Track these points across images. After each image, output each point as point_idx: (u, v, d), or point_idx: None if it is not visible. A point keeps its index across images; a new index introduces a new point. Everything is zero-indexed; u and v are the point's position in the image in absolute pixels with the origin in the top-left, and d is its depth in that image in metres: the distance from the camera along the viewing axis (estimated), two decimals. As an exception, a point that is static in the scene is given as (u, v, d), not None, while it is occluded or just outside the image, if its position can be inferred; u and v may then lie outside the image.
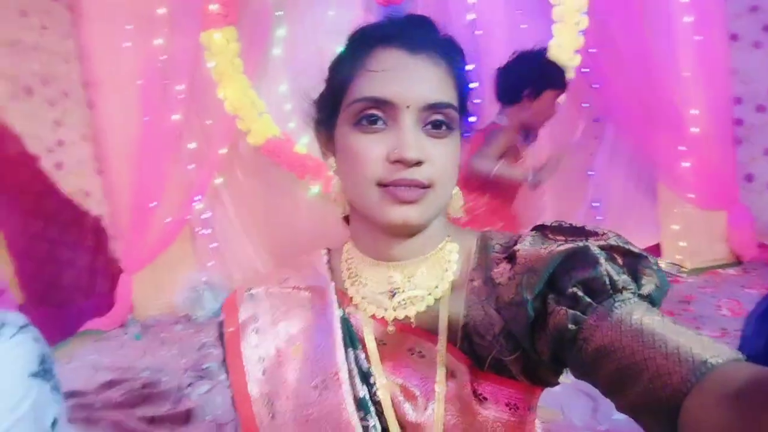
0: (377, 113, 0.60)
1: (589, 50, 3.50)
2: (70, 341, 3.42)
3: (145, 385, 2.38)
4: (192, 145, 3.58)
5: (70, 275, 3.61)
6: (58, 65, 3.40)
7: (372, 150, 0.60)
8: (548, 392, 0.68)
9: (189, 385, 2.41)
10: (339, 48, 0.68)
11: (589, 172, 3.82)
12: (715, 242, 3.52)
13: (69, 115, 3.44)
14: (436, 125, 0.61)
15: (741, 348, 0.80)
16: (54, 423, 0.96)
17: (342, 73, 0.64)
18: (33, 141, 3.21)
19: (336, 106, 0.65)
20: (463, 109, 0.66)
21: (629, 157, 3.73)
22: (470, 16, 3.56)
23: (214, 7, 3.27)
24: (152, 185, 3.43)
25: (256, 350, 0.68)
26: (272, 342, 0.68)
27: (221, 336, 0.71)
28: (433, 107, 0.60)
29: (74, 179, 3.42)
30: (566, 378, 0.64)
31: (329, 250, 0.78)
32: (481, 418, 0.62)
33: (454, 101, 0.63)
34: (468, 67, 0.67)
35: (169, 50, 3.37)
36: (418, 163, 0.59)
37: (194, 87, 3.51)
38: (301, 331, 0.69)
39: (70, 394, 2.30)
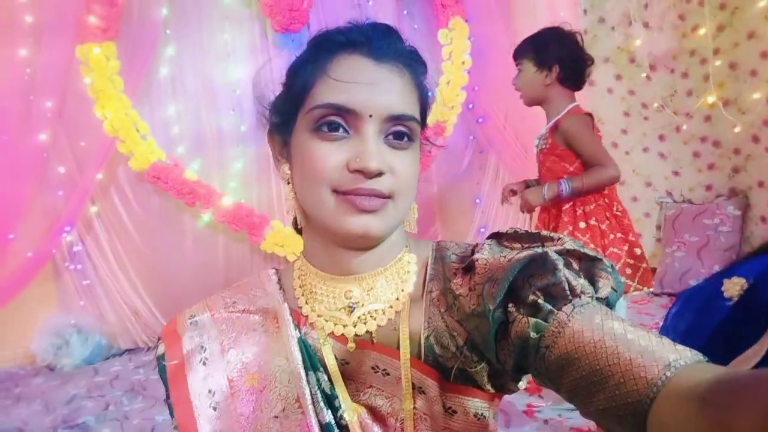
0: (338, 120, 0.58)
1: (474, 88, 3.79)
2: None
3: (4, 450, 2.00)
4: (62, 169, 3.19)
5: None
6: None
7: (331, 157, 0.58)
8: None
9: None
10: (232, 72, 0.65)
11: (476, 200, 4.08)
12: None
13: None
14: (398, 136, 0.60)
15: (663, 330, 0.88)
16: None
17: (302, 78, 0.61)
18: None
19: (294, 112, 0.62)
20: (423, 122, 0.66)
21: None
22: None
23: (93, 20, 2.99)
24: (10, 214, 2.97)
25: (205, 383, 0.61)
26: (223, 372, 0.62)
27: (162, 370, 0.63)
28: (397, 119, 0.59)
29: None
30: (524, 384, 0.65)
31: (277, 270, 0.73)
32: None
33: (417, 114, 0.63)
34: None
35: (35, 63, 3.01)
36: (379, 174, 0.57)
37: (65, 105, 3.16)
38: (255, 357, 0.63)
39: None
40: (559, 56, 1.88)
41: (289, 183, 0.65)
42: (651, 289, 1.96)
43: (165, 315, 3.46)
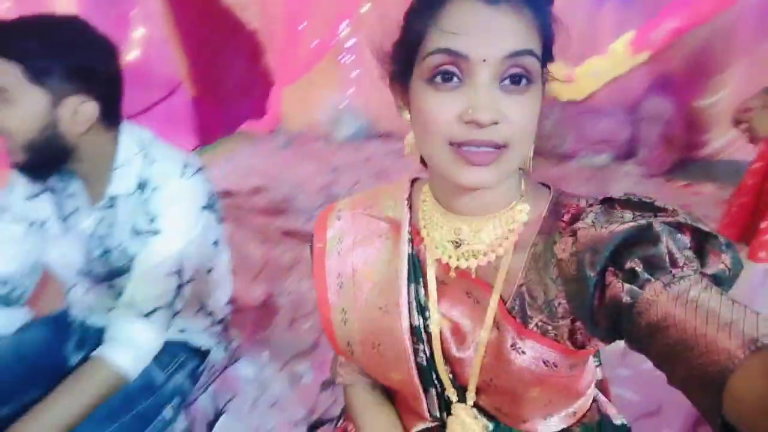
0: (452, 69, 0.57)
1: None
2: (230, 139, 3.96)
3: (285, 198, 2.70)
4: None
5: (231, 79, 4.01)
6: None
7: (445, 109, 0.58)
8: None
9: (319, 206, 2.64)
10: None
11: None
12: None
13: None
14: (515, 80, 0.58)
15: None
16: (215, 242, 1.21)
17: (415, 25, 0.61)
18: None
19: (410, 59, 0.63)
20: (546, 59, 0.62)
21: None
22: None
23: None
24: (300, 9, 3.46)
25: (337, 266, 0.79)
26: (350, 262, 0.78)
27: (311, 248, 0.82)
28: (513, 56, 0.56)
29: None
30: (615, 346, 0.68)
31: (413, 182, 0.81)
32: (515, 367, 0.68)
33: (537, 49, 0.58)
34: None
35: None
36: (494, 123, 0.57)
37: None
38: (374, 257, 0.77)
39: (225, 194, 2.68)
40: None
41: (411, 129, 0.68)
42: None
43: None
